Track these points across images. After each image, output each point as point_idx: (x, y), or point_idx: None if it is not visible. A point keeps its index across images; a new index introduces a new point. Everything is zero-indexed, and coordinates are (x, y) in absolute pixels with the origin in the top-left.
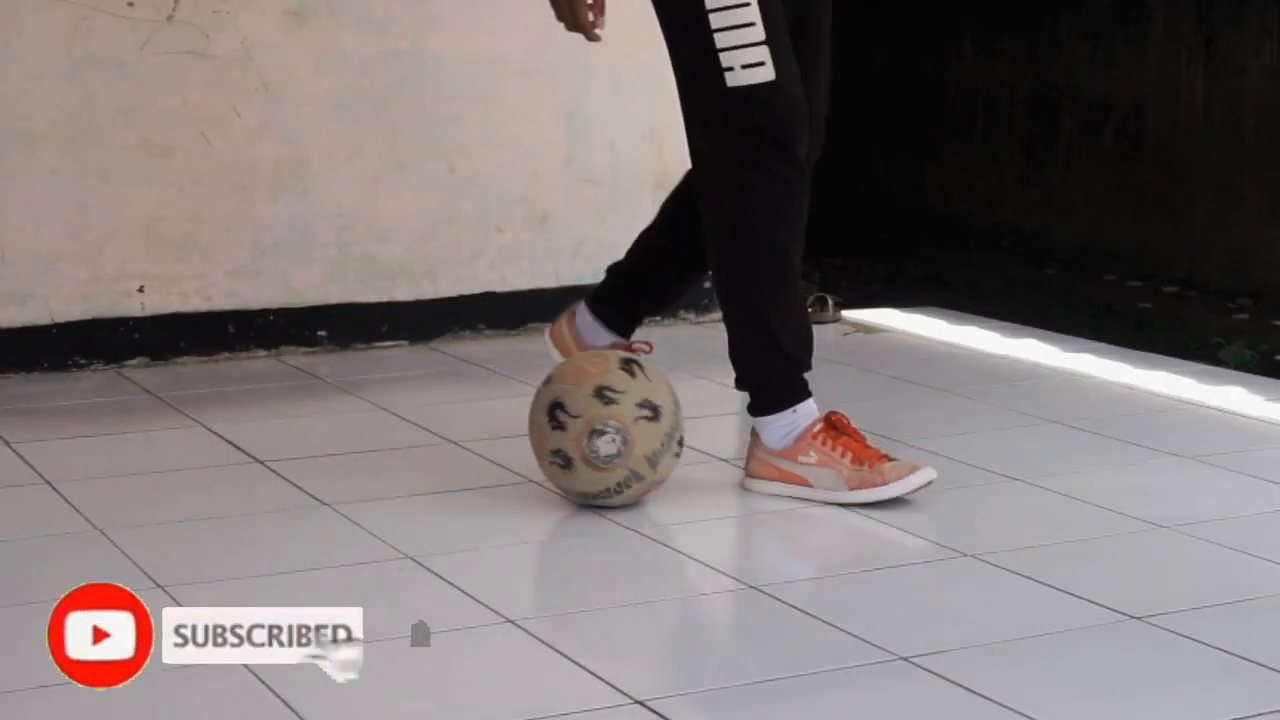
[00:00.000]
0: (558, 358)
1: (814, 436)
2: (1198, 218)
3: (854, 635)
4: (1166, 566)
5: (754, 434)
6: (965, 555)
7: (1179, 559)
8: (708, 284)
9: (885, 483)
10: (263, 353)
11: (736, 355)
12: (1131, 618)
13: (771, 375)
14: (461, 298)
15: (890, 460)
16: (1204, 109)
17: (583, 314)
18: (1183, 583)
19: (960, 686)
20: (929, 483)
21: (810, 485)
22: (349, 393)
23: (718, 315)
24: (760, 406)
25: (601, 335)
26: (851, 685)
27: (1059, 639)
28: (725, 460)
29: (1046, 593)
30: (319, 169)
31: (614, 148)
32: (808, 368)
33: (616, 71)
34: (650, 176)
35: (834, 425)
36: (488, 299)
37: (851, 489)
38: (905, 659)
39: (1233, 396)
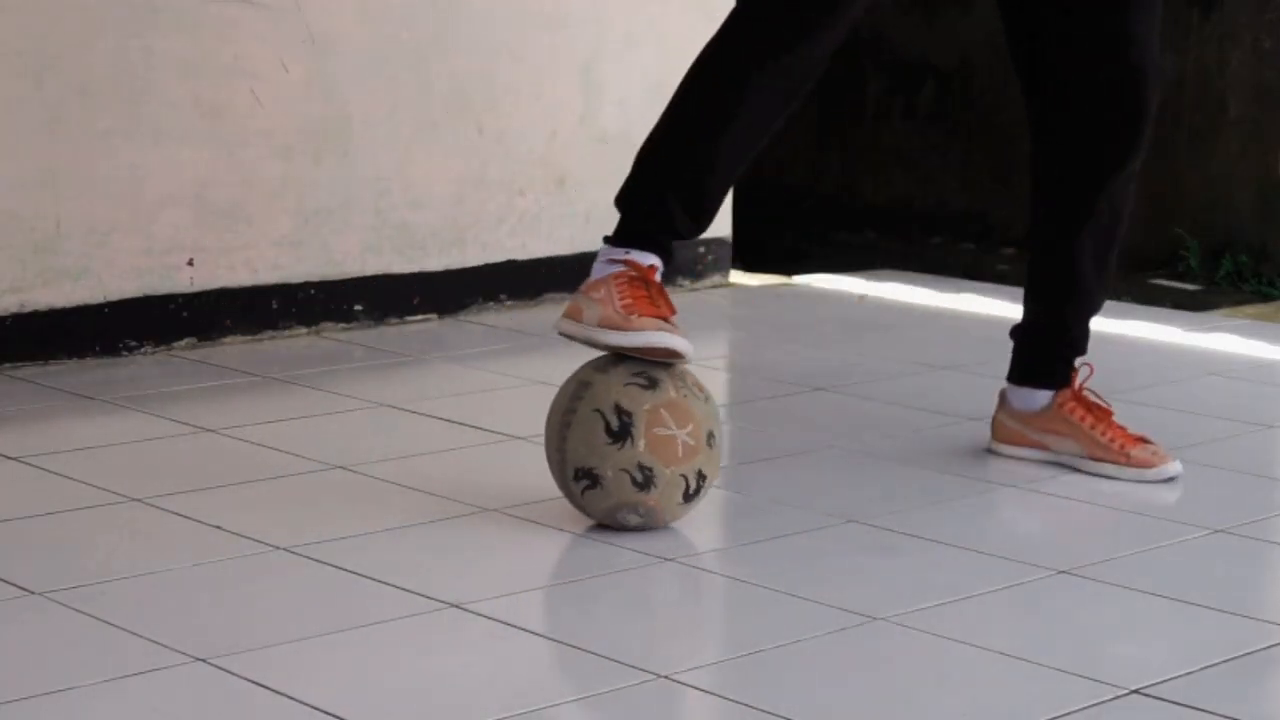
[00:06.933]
0: (1014, 453)
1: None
2: None
3: (819, 602)
4: None
5: None
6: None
7: None
8: (700, 249)
9: None
10: (303, 330)
11: None
12: None
13: None
14: (485, 267)
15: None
16: None
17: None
18: None
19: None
20: None
21: None
22: (390, 380)
23: (710, 282)
24: None
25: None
26: (826, 650)
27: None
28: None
29: None
30: (359, 128)
31: (624, 104)
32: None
33: (629, 24)
34: None
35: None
36: (509, 268)
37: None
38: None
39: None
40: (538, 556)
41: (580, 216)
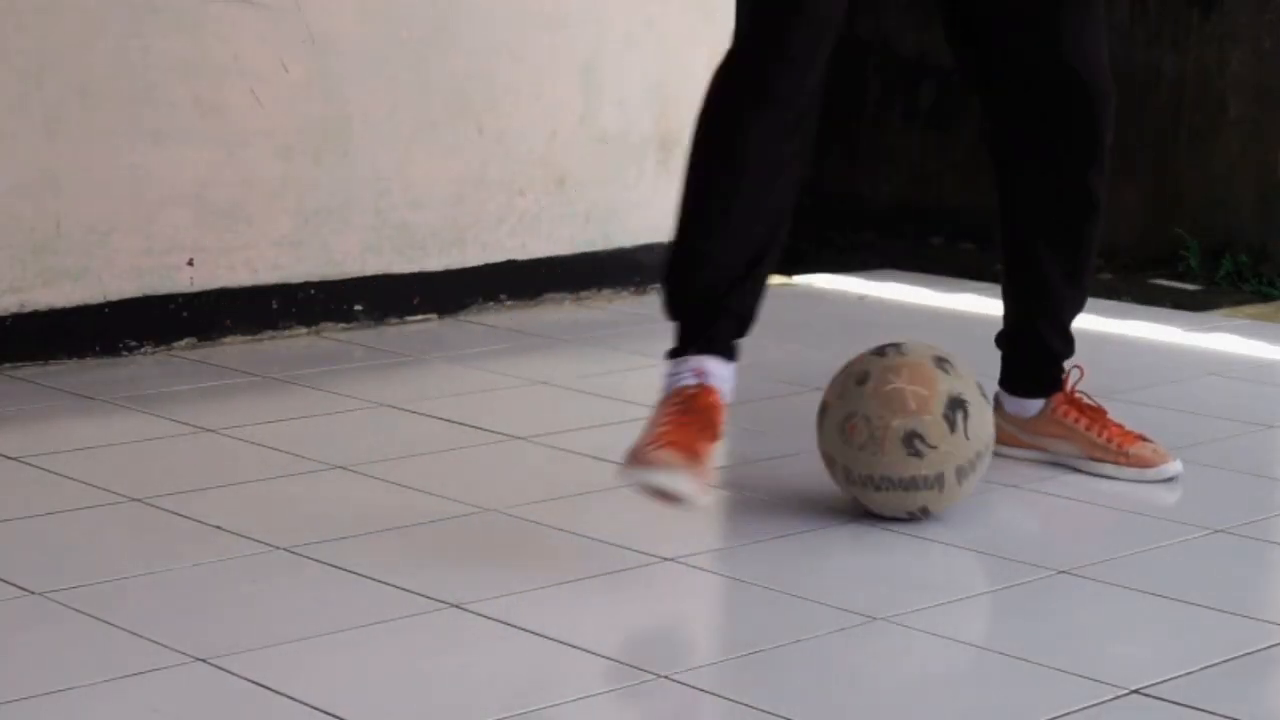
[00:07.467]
0: (1012, 454)
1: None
2: None
3: (819, 602)
4: None
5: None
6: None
7: None
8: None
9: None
10: (303, 330)
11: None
12: None
13: None
14: (485, 266)
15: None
16: None
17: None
18: None
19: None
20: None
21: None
22: (390, 379)
23: None
24: None
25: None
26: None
27: None
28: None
29: None
30: (359, 128)
31: (624, 104)
32: (714, 310)
33: (629, 23)
34: (655, 138)
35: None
36: (509, 268)
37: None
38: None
39: None
40: (538, 556)
41: (580, 216)
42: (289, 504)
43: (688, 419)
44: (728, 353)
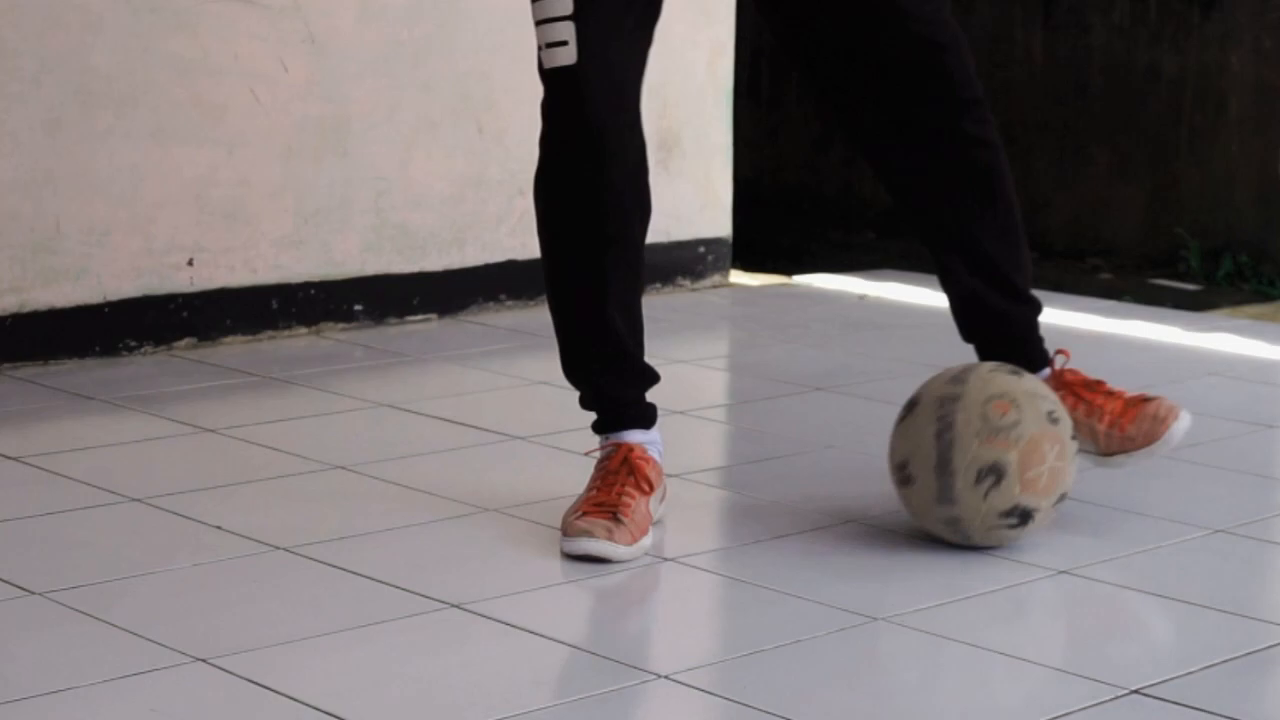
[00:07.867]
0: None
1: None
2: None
3: (819, 602)
4: None
5: None
6: None
7: None
8: (702, 249)
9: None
10: (304, 330)
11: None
12: None
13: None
14: (485, 267)
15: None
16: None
17: None
18: None
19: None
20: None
21: None
22: (390, 379)
23: (710, 282)
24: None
25: None
26: (826, 650)
27: None
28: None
29: None
30: (359, 128)
31: None
32: (609, 400)
33: None
34: (653, 137)
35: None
36: (509, 268)
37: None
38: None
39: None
40: (538, 556)
41: None
42: (289, 504)
43: (611, 478)
44: (644, 423)
